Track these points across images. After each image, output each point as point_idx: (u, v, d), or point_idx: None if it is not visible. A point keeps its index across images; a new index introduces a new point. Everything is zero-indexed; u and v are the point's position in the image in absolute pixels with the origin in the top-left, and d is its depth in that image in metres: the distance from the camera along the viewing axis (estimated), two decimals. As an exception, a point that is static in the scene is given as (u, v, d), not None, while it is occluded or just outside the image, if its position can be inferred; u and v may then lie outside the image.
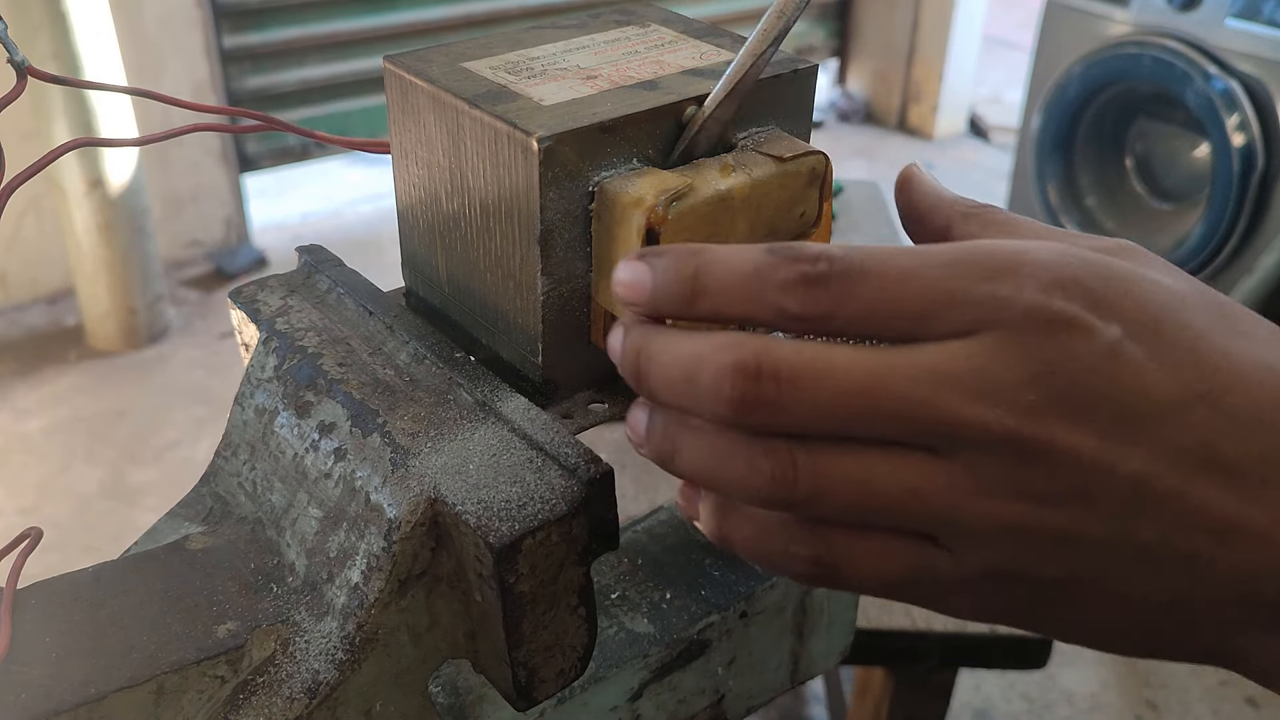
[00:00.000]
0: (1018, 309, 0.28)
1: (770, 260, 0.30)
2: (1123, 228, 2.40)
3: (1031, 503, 0.29)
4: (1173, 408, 0.28)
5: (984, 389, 0.28)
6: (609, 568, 0.52)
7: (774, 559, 0.33)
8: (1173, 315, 0.29)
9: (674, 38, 0.44)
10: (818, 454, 0.30)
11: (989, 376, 0.28)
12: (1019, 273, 0.29)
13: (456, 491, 0.35)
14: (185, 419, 2.31)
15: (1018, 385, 0.28)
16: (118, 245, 2.42)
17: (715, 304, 0.30)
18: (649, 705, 0.49)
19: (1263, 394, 0.29)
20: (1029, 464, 0.28)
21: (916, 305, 0.29)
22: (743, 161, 0.38)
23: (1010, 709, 1.72)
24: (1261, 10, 2.07)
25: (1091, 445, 0.28)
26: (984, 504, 0.29)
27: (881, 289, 0.29)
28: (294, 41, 2.85)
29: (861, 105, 3.92)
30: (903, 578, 0.31)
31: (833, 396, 0.29)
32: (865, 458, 0.30)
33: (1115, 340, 0.28)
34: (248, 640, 0.36)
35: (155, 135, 0.45)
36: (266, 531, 0.41)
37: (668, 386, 0.31)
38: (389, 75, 0.41)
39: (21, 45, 0.40)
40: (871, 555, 0.31)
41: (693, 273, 0.31)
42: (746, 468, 0.30)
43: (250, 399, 0.43)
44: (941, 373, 0.29)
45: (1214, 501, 0.29)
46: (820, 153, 0.39)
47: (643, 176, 0.37)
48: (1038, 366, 0.28)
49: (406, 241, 0.44)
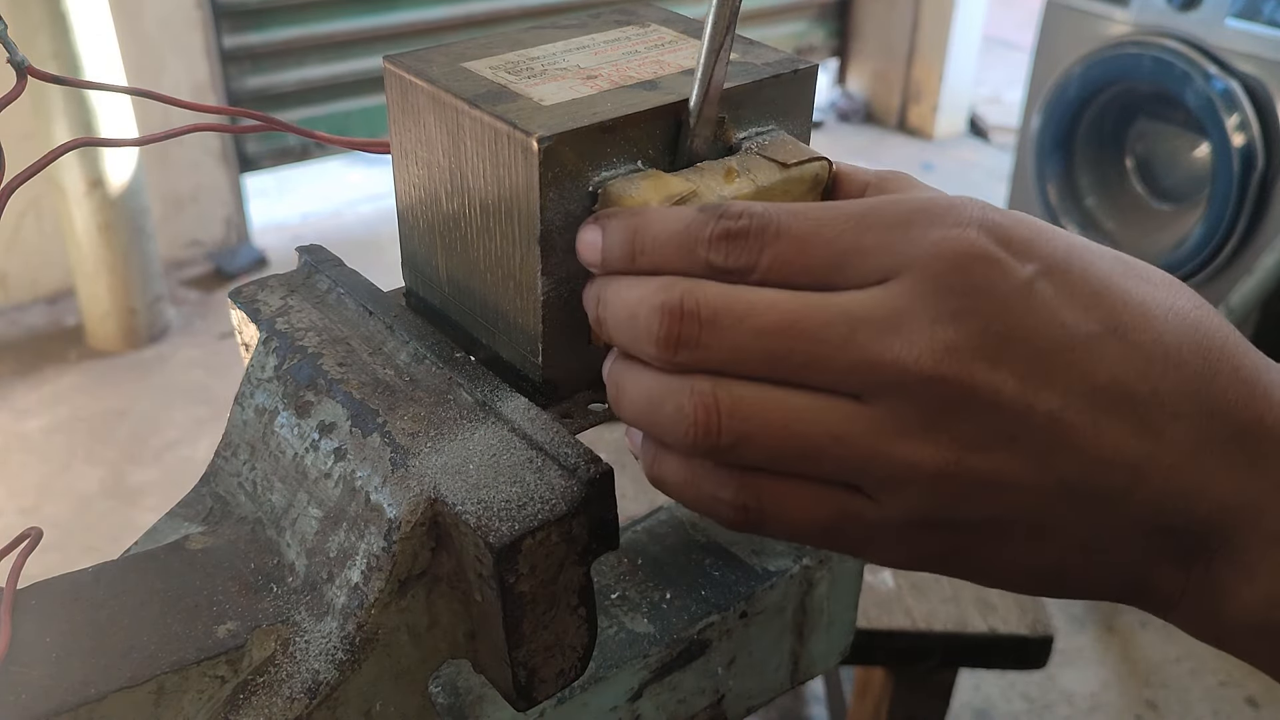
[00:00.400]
0: (933, 249, 0.29)
1: (699, 218, 0.32)
2: (1123, 228, 2.40)
3: (955, 447, 0.29)
4: (1086, 343, 0.29)
5: (901, 328, 0.29)
6: (609, 568, 0.52)
7: (702, 503, 0.33)
8: (1080, 256, 0.30)
9: (674, 38, 0.44)
10: (742, 397, 0.30)
11: (906, 316, 0.29)
12: (930, 216, 0.30)
13: (456, 491, 0.35)
14: (185, 419, 2.30)
15: (935, 322, 0.28)
16: (118, 245, 2.42)
17: (653, 260, 0.32)
18: (649, 705, 0.49)
19: (1168, 331, 0.29)
20: (951, 407, 0.29)
21: (827, 254, 0.30)
22: (747, 166, 0.38)
23: (1010, 709, 1.72)
24: (1261, 10, 2.07)
25: (1011, 385, 0.28)
26: (907, 450, 0.29)
27: (794, 240, 0.30)
28: (294, 41, 2.85)
29: (861, 105, 3.92)
30: (827, 525, 0.32)
31: (751, 335, 0.30)
32: (789, 402, 0.30)
33: (1030, 277, 0.29)
34: (248, 640, 0.36)
35: (155, 135, 0.45)
36: (266, 531, 0.41)
37: (617, 328, 0.33)
38: (389, 75, 0.41)
39: (21, 45, 0.40)
40: (796, 502, 0.32)
41: (633, 232, 0.33)
42: (675, 411, 0.31)
43: (250, 399, 0.43)
44: (857, 315, 0.29)
45: (1128, 438, 0.29)
46: (824, 159, 0.39)
47: (647, 180, 0.37)
48: (956, 303, 0.28)
49: (406, 241, 0.44)
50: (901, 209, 0.30)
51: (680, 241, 0.32)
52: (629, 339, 0.33)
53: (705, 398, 0.31)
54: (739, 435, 0.31)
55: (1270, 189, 2.10)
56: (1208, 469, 0.30)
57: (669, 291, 0.31)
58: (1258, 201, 2.11)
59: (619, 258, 0.33)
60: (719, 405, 0.31)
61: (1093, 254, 0.30)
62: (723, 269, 0.31)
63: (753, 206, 0.31)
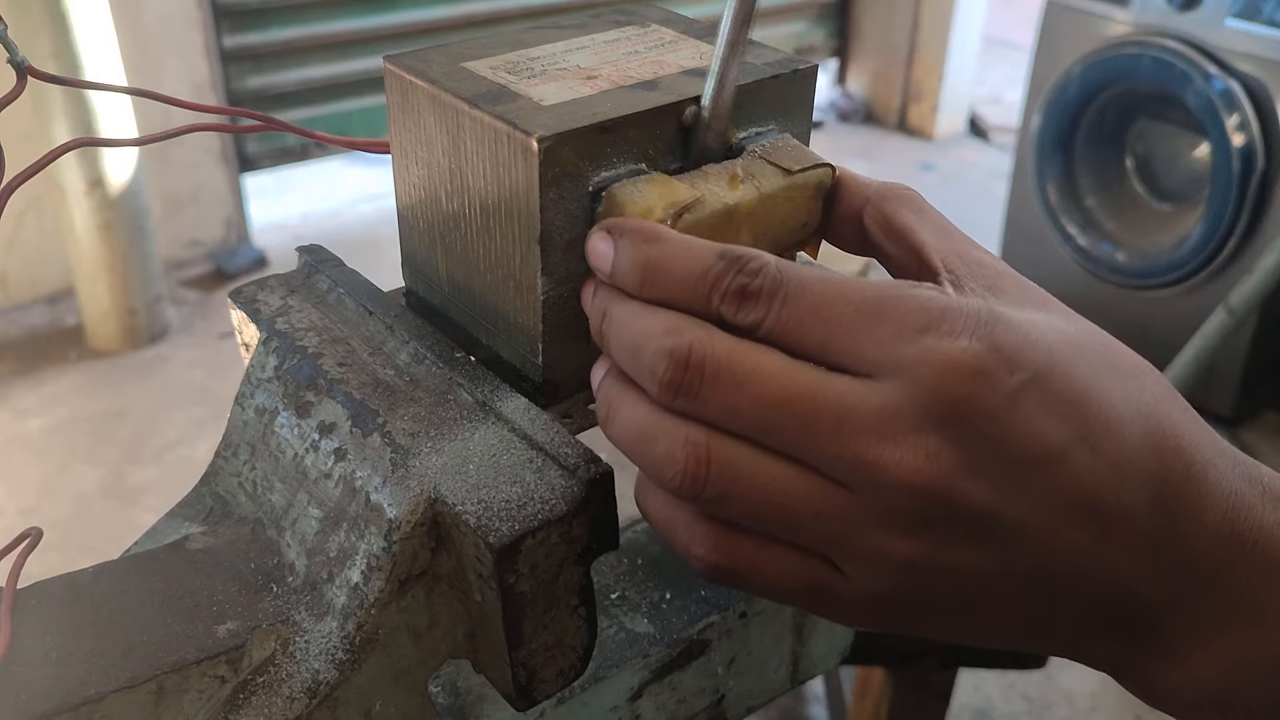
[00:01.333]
0: (928, 357, 0.30)
1: (718, 267, 0.32)
2: (1123, 228, 2.40)
3: (926, 541, 0.31)
4: (1059, 455, 0.30)
5: (889, 432, 0.30)
6: (609, 568, 0.52)
7: (677, 548, 0.34)
8: (1063, 363, 0.31)
9: (674, 38, 0.44)
10: (732, 456, 0.31)
11: (895, 419, 0.30)
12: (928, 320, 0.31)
13: (456, 491, 0.35)
14: (185, 419, 2.30)
15: (922, 430, 0.30)
16: (118, 245, 2.42)
17: (665, 295, 0.33)
18: (649, 705, 0.49)
19: (1132, 437, 0.31)
20: (927, 512, 0.30)
21: (825, 333, 0.31)
22: (751, 172, 0.38)
23: (1010, 709, 1.72)
24: (1261, 10, 2.07)
25: (986, 494, 0.30)
26: (881, 538, 0.31)
27: (800, 310, 0.31)
28: (294, 41, 2.85)
29: (861, 105, 3.92)
30: (798, 591, 0.33)
31: (749, 401, 0.31)
32: (776, 470, 0.31)
33: (1015, 389, 0.30)
34: (248, 640, 0.36)
35: (155, 135, 0.45)
36: (266, 531, 0.41)
37: (619, 352, 0.34)
38: (389, 75, 0.41)
39: (21, 45, 0.40)
40: (771, 566, 0.33)
41: (647, 262, 0.33)
42: (665, 454, 0.32)
43: (250, 399, 0.43)
44: (849, 406, 0.30)
45: (1084, 540, 0.31)
46: (828, 165, 0.39)
47: (652, 185, 0.37)
48: (943, 412, 0.30)
49: (406, 241, 0.44)
50: (904, 308, 0.31)
51: (696, 285, 0.32)
52: (631, 368, 0.33)
53: (698, 449, 0.31)
54: (724, 491, 0.32)
55: (1270, 189, 2.10)
56: (1148, 565, 0.32)
57: (679, 337, 0.31)
58: (1258, 201, 2.11)
59: (631, 282, 0.34)
60: (710, 458, 0.31)
61: (1074, 354, 0.32)
62: (732, 323, 0.32)
63: (769, 265, 0.32)
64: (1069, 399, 0.31)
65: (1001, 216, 2.66)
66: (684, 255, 0.33)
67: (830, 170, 0.39)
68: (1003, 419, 0.30)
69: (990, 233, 2.76)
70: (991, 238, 2.72)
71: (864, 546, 0.31)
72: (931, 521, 0.30)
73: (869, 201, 0.38)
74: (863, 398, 0.30)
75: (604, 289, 0.35)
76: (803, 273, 0.32)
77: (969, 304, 0.31)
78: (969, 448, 0.30)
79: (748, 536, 0.33)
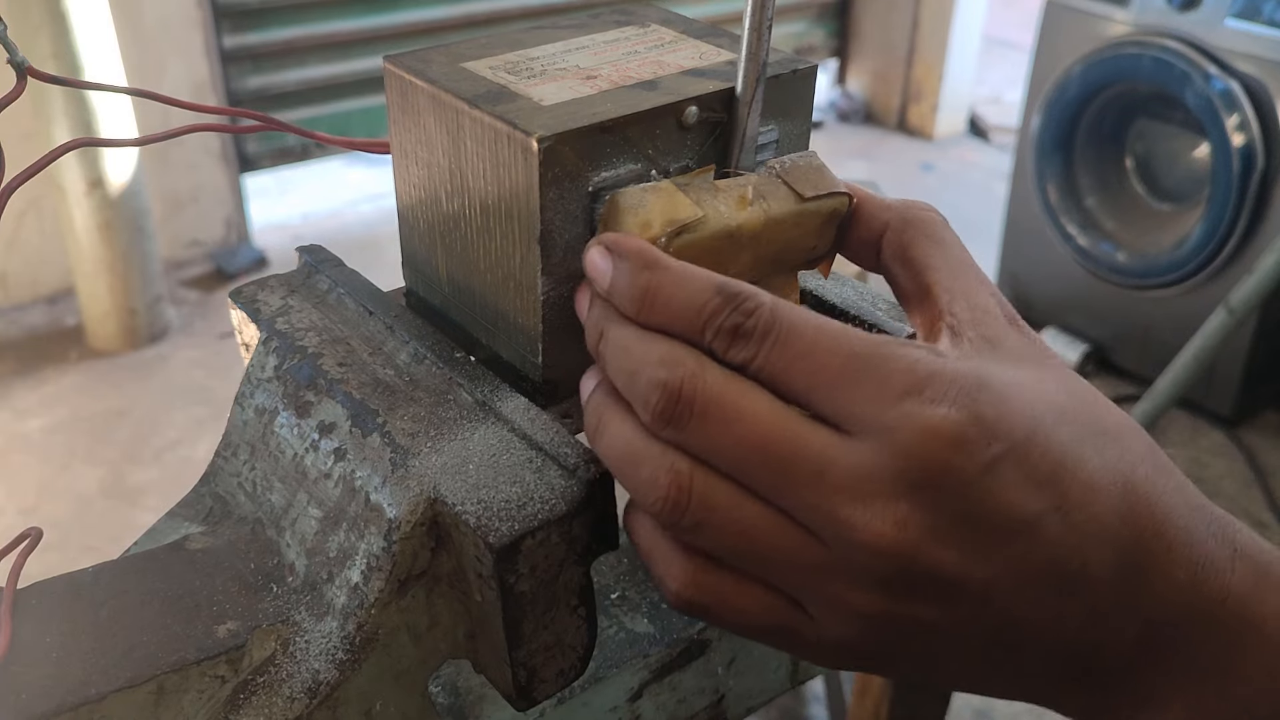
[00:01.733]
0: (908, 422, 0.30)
1: (715, 303, 0.32)
2: (1123, 228, 2.40)
3: (889, 599, 0.31)
4: (1031, 525, 0.31)
5: (862, 493, 0.30)
6: (609, 568, 0.52)
7: (654, 574, 0.35)
8: (1044, 431, 0.31)
9: (674, 38, 0.44)
10: (713, 490, 0.32)
11: (870, 481, 0.30)
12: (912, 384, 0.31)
13: (456, 491, 0.35)
14: (185, 419, 2.30)
15: (895, 495, 0.30)
16: (118, 245, 2.42)
17: (660, 322, 0.33)
18: (649, 705, 0.49)
19: (1108, 505, 0.31)
20: (891, 570, 0.31)
21: (809, 382, 0.32)
22: (763, 193, 0.38)
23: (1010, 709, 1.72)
24: (1261, 10, 2.07)
25: (954, 560, 0.31)
26: (847, 591, 0.32)
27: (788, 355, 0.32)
28: (294, 41, 2.85)
29: (861, 105, 3.92)
30: (766, 629, 0.34)
31: (732, 442, 0.31)
32: (753, 511, 0.32)
33: (991, 460, 0.30)
34: (248, 640, 0.36)
35: (155, 135, 0.45)
36: (266, 531, 0.41)
37: (615, 374, 0.34)
38: (389, 75, 0.41)
39: (21, 45, 0.40)
40: (741, 602, 0.34)
41: (644, 288, 0.33)
42: (649, 477, 0.33)
43: (250, 399, 0.43)
44: (828, 460, 0.31)
45: (1050, 604, 0.32)
46: (844, 194, 0.38)
47: (658, 197, 0.36)
48: (917, 478, 0.30)
49: (406, 241, 0.44)
50: (890, 368, 0.31)
51: (692, 318, 0.33)
52: (625, 390, 0.34)
53: (681, 477, 0.32)
54: (701, 521, 0.32)
55: (1270, 189, 2.10)
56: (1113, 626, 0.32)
57: (672, 370, 0.32)
58: (1258, 201, 2.11)
59: (628, 306, 0.34)
60: (692, 489, 0.32)
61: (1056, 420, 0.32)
62: (723, 358, 0.32)
63: (764, 306, 0.32)
64: (1046, 469, 0.31)
65: (1001, 216, 2.66)
66: (681, 286, 0.33)
67: (846, 200, 0.39)
68: (977, 489, 0.30)
69: (990, 233, 2.76)
70: (991, 238, 2.72)
71: (830, 595, 0.32)
72: (896, 582, 0.31)
73: (889, 228, 0.38)
74: (840, 454, 0.31)
75: (600, 304, 0.35)
76: (797, 317, 0.32)
77: (956, 369, 0.31)
78: (940, 515, 0.30)
79: (722, 572, 0.34)
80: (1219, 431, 2.31)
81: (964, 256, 0.37)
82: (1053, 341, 2.52)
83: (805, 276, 0.45)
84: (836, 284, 0.46)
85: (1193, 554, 0.32)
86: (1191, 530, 0.33)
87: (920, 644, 0.33)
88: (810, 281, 0.46)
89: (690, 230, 0.36)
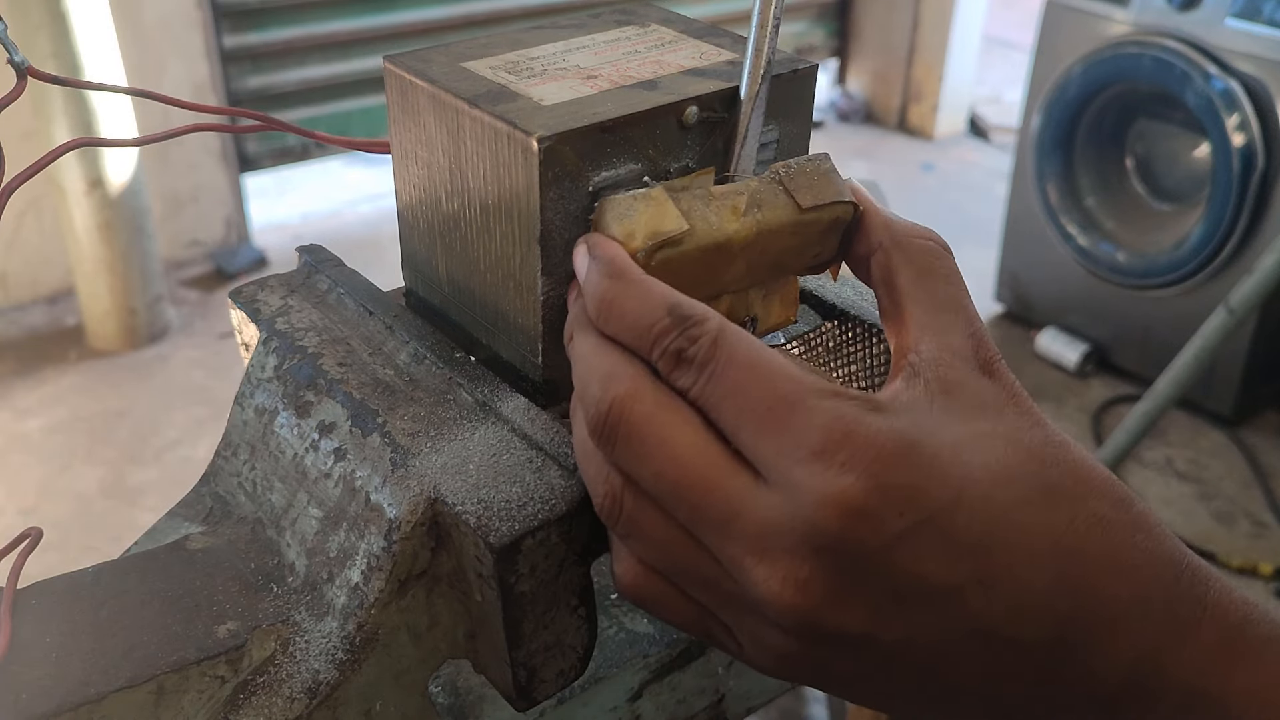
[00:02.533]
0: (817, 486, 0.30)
1: (664, 324, 0.33)
2: (1123, 228, 2.40)
3: (802, 645, 0.31)
4: (945, 595, 0.30)
5: (766, 548, 0.30)
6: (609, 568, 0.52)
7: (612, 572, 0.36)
8: (973, 499, 0.30)
9: (674, 37, 0.44)
10: (643, 507, 0.33)
11: (774, 537, 0.30)
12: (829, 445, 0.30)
13: (456, 491, 0.35)
14: (185, 419, 2.30)
15: (796, 555, 0.30)
16: (118, 245, 2.42)
17: (613, 332, 0.34)
18: (649, 705, 0.49)
19: (1042, 577, 0.30)
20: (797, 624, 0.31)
21: (737, 419, 0.32)
22: (759, 201, 0.37)
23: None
24: (1261, 10, 2.07)
25: (859, 620, 0.30)
26: (760, 629, 0.32)
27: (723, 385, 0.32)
28: (294, 41, 2.85)
29: (861, 105, 3.92)
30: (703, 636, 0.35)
31: (651, 473, 0.32)
32: (677, 535, 0.32)
33: (898, 533, 0.30)
34: (248, 640, 0.36)
35: (155, 135, 0.45)
36: (266, 531, 0.41)
37: (574, 377, 0.35)
38: (389, 75, 0.41)
39: (21, 45, 0.40)
40: (676, 608, 0.34)
41: (604, 298, 0.34)
42: (592, 479, 0.34)
43: (250, 399, 0.43)
44: (739, 506, 0.31)
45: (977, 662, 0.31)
46: (849, 203, 0.38)
47: (647, 206, 0.36)
48: (819, 542, 0.30)
49: (406, 241, 0.44)
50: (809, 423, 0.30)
51: (640, 334, 0.33)
52: (578, 395, 0.35)
53: (614, 490, 0.33)
54: (631, 534, 0.33)
55: (1270, 189, 2.10)
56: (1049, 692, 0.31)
57: (607, 390, 0.32)
58: (1258, 201, 2.11)
59: (591, 311, 0.34)
60: (622, 503, 0.33)
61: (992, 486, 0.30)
62: (667, 379, 0.33)
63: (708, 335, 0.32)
64: (969, 541, 0.30)
65: (1001, 216, 2.66)
66: (637, 302, 0.33)
67: (850, 208, 0.38)
68: (882, 559, 0.30)
69: (990, 233, 2.76)
70: (991, 238, 2.72)
71: (748, 627, 0.33)
72: (803, 633, 0.31)
73: (880, 249, 0.37)
74: (752, 504, 0.31)
75: (578, 305, 0.36)
76: (738, 350, 0.32)
77: (878, 430, 0.30)
78: (844, 579, 0.30)
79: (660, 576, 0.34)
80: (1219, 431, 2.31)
81: (950, 291, 0.36)
82: (1053, 341, 2.52)
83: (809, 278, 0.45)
84: (837, 283, 0.46)
85: (1145, 627, 0.31)
86: (1148, 600, 0.31)
87: (840, 683, 0.33)
88: (811, 282, 0.46)
89: (674, 245, 0.35)
